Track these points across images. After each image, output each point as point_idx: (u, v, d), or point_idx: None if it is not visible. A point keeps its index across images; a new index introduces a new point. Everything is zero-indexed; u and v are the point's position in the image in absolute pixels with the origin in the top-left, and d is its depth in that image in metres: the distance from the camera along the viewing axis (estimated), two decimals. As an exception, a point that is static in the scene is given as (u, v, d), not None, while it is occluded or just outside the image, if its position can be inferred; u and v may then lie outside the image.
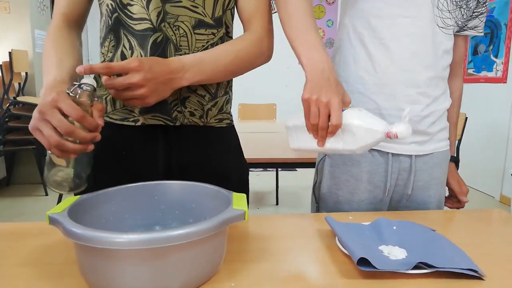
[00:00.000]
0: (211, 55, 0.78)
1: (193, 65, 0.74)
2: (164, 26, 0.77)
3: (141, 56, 0.77)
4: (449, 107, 0.95)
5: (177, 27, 0.77)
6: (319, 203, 0.96)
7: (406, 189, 0.93)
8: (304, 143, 0.76)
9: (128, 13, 0.76)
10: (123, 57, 0.78)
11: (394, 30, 0.84)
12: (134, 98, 0.69)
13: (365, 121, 0.67)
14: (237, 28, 0.83)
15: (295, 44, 0.76)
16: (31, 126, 0.63)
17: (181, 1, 0.77)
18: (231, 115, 0.90)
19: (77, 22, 0.85)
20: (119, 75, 0.68)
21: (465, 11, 0.88)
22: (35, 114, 0.62)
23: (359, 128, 0.67)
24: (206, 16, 0.79)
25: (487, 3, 0.92)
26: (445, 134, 0.95)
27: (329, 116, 0.68)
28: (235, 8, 0.86)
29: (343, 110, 0.68)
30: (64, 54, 0.76)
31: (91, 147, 0.65)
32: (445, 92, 0.93)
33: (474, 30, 0.95)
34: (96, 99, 0.67)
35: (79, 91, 0.64)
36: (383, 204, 0.93)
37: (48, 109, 0.60)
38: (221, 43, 0.82)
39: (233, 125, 0.91)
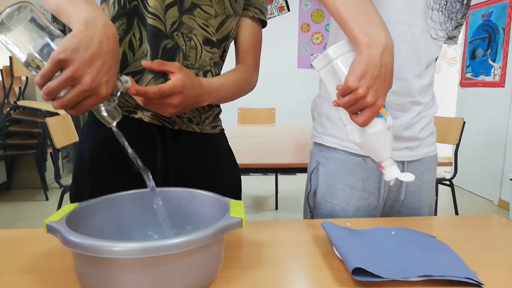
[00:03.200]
0: (226, 84, 0.83)
1: (216, 91, 0.79)
2: (177, 35, 0.79)
3: (148, 52, 0.78)
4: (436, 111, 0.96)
5: (189, 38, 0.80)
6: (314, 212, 0.96)
7: (399, 195, 0.94)
8: (328, 84, 0.67)
9: (146, 4, 0.77)
10: (131, 45, 0.79)
11: (391, 35, 0.84)
12: (160, 111, 0.71)
13: (378, 142, 0.65)
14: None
15: (349, 16, 0.63)
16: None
17: (195, 17, 0.80)
18: (221, 121, 0.95)
19: None
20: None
21: (454, 22, 0.89)
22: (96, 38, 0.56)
23: (368, 142, 0.65)
24: (213, 36, 0.83)
25: (467, 15, 0.93)
26: (433, 139, 0.96)
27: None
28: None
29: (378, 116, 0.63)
30: None
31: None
32: (433, 97, 0.94)
33: (452, 40, 0.96)
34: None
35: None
36: (377, 211, 0.93)
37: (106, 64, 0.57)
38: (219, 64, 0.88)
39: (224, 131, 0.96)
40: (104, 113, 0.62)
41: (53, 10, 0.62)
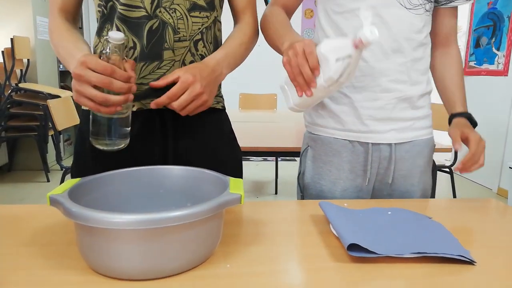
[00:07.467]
0: (230, 50, 0.84)
1: (223, 60, 0.81)
2: (160, 11, 0.78)
3: (136, 43, 0.78)
4: (431, 90, 0.94)
5: (173, 10, 0.79)
6: (303, 193, 0.98)
7: (386, 178, 0.93)
8: (297, 99, 0.78)
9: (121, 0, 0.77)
10: None
11: (355, 23, 0.84)
12: (199, 106, 0.74)
13: (331, 43, 0.72)
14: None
15: (279, 41, 0.84)
16: (75, 98, 0.67)
17: None
18: (223, 99, 0.95)
19: (72, 15, 0.86)
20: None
21: None
22: (74, 85, 0.66)
23: (328, 51, 0.70)
24: (199, 0, 0.81)
25: None
26: (427, 122, 0.94)
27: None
28: None
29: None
30: (80, 41, 0.80)
31: (131, 97, 0.69)
32: (423, 74, 0.91)
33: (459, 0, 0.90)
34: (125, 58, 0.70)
35: (109, 46, 0.66)
36: (365, 193, 0.93)
37: (82, 71, 0.64)
38: (213, 27, 0.86)
39: (225, 109, 0.95)
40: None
41: (61, 60, 0.78)
